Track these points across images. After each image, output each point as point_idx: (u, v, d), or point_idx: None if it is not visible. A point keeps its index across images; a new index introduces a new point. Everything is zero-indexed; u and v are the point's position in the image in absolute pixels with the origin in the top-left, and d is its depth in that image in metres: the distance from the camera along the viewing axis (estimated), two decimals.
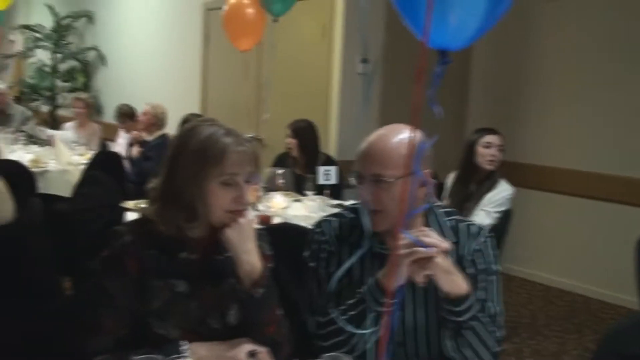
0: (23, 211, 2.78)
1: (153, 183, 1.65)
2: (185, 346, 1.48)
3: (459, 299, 1.56)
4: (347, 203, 3.49)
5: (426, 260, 1.48)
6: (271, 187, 3.81)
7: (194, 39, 6.05)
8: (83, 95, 6.44)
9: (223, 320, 1.60)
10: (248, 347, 1.51)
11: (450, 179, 3.76)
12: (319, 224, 1.82)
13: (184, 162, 1.54)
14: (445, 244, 1.50)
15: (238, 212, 1.56)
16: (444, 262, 1.50)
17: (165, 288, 1.56)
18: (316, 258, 1.76)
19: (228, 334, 1.56)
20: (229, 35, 4.37)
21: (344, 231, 1.76)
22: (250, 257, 1.55)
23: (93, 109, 6.45)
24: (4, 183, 2.65)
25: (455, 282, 1.54)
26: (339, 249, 1.75)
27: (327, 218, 1.83)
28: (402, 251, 1.48)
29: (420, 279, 1.51)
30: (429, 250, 1.47)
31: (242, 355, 1.48)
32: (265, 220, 3.20)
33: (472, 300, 1.57)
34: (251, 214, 1.65)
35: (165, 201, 1.57)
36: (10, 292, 2.49)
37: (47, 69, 7.94)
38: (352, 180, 1.71)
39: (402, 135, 1.64)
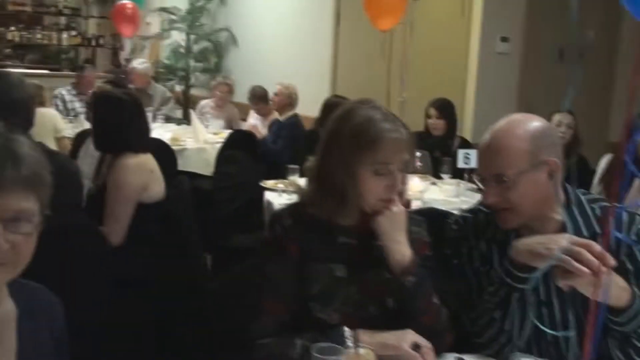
0: (172, 189, 2.87)
1: (308, 165, 1.63)
2: (348, 333, 1.45)
3: (619, 310, 1.43)
4: None
5: (574, 275, 1.37)
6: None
7: (324, 18, 6.04)
8: (227, 79, 6.54)
9: (382, 306, 1.57)
10: (412, 338, 1.45)
11: (603, 162, 3.52)
12: (455, 220, 1.77)
13: (337, 145, 1.51)
14: (604, 267, 1.34)
15: (390, 201, 1.52)
16: (597, 282, 1.34)
17: (325, 272, 1.55)
18: (458, 254, 1.71)
19: (387, 320, 1.53)
20: (369, 14, 4.31)
21: (481, 227, 1.69)
22: (401, 246, 1.52)
23: (233, 92, 6.53)
24: (155, 162, 2.76)
25: (612, 296, 1.40)
26: (478, 244, 1.68)
27: (463, 214, 1.78)
28: (556, 252, 1.39)
29: (564, 287, 1.43)
30: (580, 268, 1.35)
31: (406, 347, 1.43)
32: (405, 204, 3.12)
33: (636, 309, 1.44)
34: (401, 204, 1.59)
35: (318, 185, 1.55)
36: (165, 272, 2.59)
37: (181, 50, 8.22)
38: (477, 182, 1.64)
39: (521, 127, 1.56)
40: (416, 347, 1.44)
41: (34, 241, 1.08)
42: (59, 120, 4.67)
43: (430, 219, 1.77)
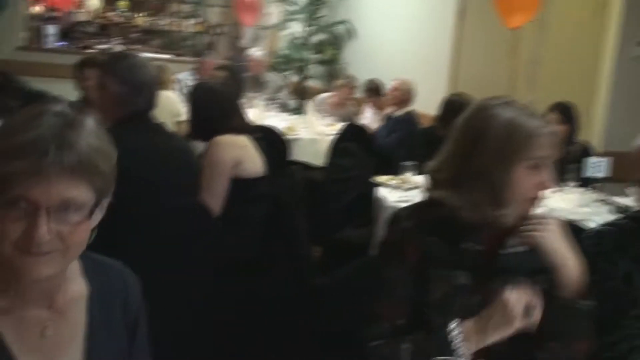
0: (283, 177, 2.86)
1: (435, 165, 1.54)
2: (453, 324, 1.38)
3: None
4: (623, 201, 3.12)
5: None
6: None
7: (447, 14, 5.86)
8: (352, 81, 6.51)
9: None
10: (522, 298, 1.35)
11: None
12: (594, 234, 1.65)
13: (487, 146, 1.43)
14: None
15: (536, 200, 1.44)
16: None
17: (445, 279, 1.45)
18: (595, 271, 1.55)
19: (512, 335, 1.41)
20: (500, 10, 4.12)
21: (626, 242, 1.56)
22: (573, 265, 1.43)
23: (355, 93, 6.49)
24: (248, 139, 2.79)
25: None
26: (620, 261, 1.56)
27: (604, 227, 1.66)
28: None
29: None
30: None
31: (518, 309, 1.34)
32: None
33: None
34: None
35: (467, 186, 1.44)
36: (271, 259, 2.58)
37: (299, 41, 8.27)
38: (630, 190, 1.54)
39: None
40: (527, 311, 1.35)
41: (86, 229, 1.03)
42: (178, 104, 4.78)
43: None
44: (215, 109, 2.73)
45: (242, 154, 2.73)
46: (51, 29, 9.06)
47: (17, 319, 1.07)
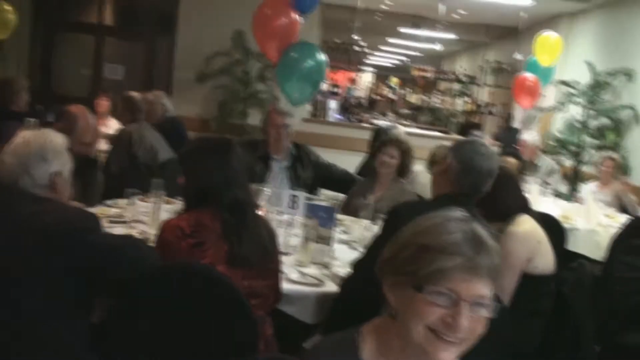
0: (568, 269, 2.71)
1: None
2: None
3: None
4: None
5: None
6: None
7: None
8: (613, 154, 6.19)
9: None
10: None
11: None
12: None
13: None
14: None
15: None
16: None
17: None
18: None
19: None
20: None
21: None
22: None
23: (620, 169, 6.12)
24: (543, 233, 2.68)
25: None
26: None
27: None
28: None
29: None
30: None
31: None
32: None
33: None
34: None
35: None
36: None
37: (576, 125, 7.93)
38: None
39: None
40: None
41: (486, 324, 1.20)
42: None
43: None
44: (506, 191, 2.68)
45: (536, 249, 2.65)
46: (332, 104, 9.82)
47: None
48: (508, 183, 2.77)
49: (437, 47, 12.33)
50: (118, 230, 3.00)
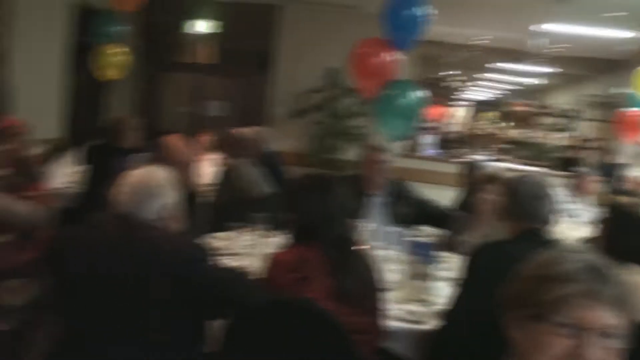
0: None
1: None
2: None
3: None
4: None
5: None
6: None
7: None
8: None
9: None
10: None
11: None
12: None
13: None
14: None
15: None
16: None
17: None
18: None
19: None
20: None
21: None
22: None
23: None
24: None
25: None
26: None
27: None
28: None
29: None
30: None
31: None
32: None
33: None
34: None
35: None
36: None
37: None
38: None
39: None
40: None
41: (619, 357, 1.14)
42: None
43: None
44: (625, 231, 2.56)
45: None
46: (427, 139, 9.77)
47: None
48: (627, 222, 2.63)
49: (535, 80, 12.08)
50: (221, 263, 3.08)
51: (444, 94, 10.82)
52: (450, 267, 3.49)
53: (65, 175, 5.19)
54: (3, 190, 2.14)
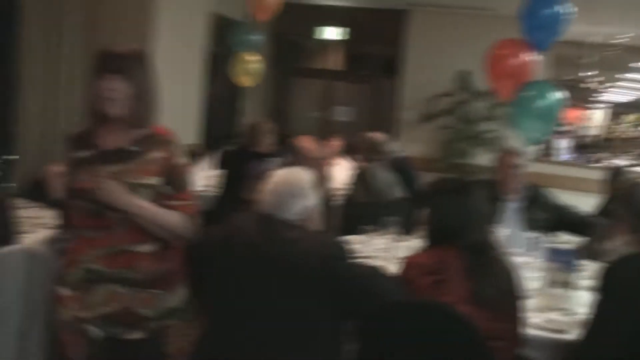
0: None
1: None
2: None
3: None
4: None
5: None
6: None
7: None
8: None
9: None
10: None
11: None
12: None
13: None
14: None
15: None
16: None
17: None
18: None
19: None
20: None
21: None
22: None
23: None
24: None
25: None
26: None
27: None
28: None
29: None
30: None
31: None
32: None
33: None
34: None
35: None
36: None
37: None
38: None
39: None
40: None
41: None
42: None
43: None
44: None
45: None
46: (562, 143, 9.38)
47: None
48: None
49: None
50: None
51: (580, 96, 10.32)
52: (590, 275, 3.33)
53: (202, 179, 5.45)
54: (152, 200, 2.18)
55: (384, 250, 3.35)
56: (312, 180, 2.40)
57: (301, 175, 2.40)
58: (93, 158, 2.21)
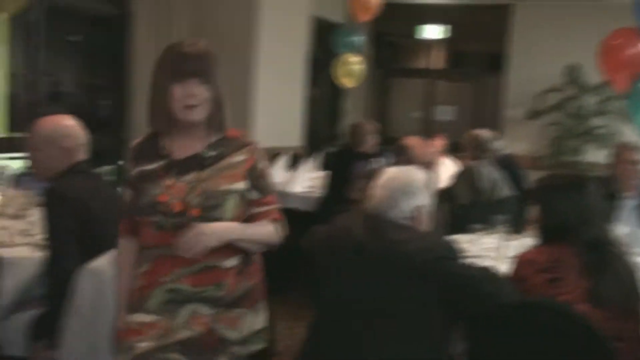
0: None
1: None
2: None
3: None
4: None
5: None
6: None
7: None
8: None
9: None
10: None
11: None
12: None
13: None
14: None
15: None
16: None
17: None
18: None
19: None
20: None
21: None
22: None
23: None
24: None
25: None
26: None
27: None
28: None
29: None
30: None
31: None
32: None
33: None
34: None
35: None
36: None
37: None
38: None
39: None
40: None
41: None
42: None
43: None
44: None
45: None
46: None
47: None
48: None
49: None
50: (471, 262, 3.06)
51: None
52: None
53: (307, 180, 5.51)
54: (239, 206, 2.03)
55: (494, 250, 3.27)
56: (424, 180, 2.37)
57: (414, 173, 2.37)
58: (166, 168, 2.00)
